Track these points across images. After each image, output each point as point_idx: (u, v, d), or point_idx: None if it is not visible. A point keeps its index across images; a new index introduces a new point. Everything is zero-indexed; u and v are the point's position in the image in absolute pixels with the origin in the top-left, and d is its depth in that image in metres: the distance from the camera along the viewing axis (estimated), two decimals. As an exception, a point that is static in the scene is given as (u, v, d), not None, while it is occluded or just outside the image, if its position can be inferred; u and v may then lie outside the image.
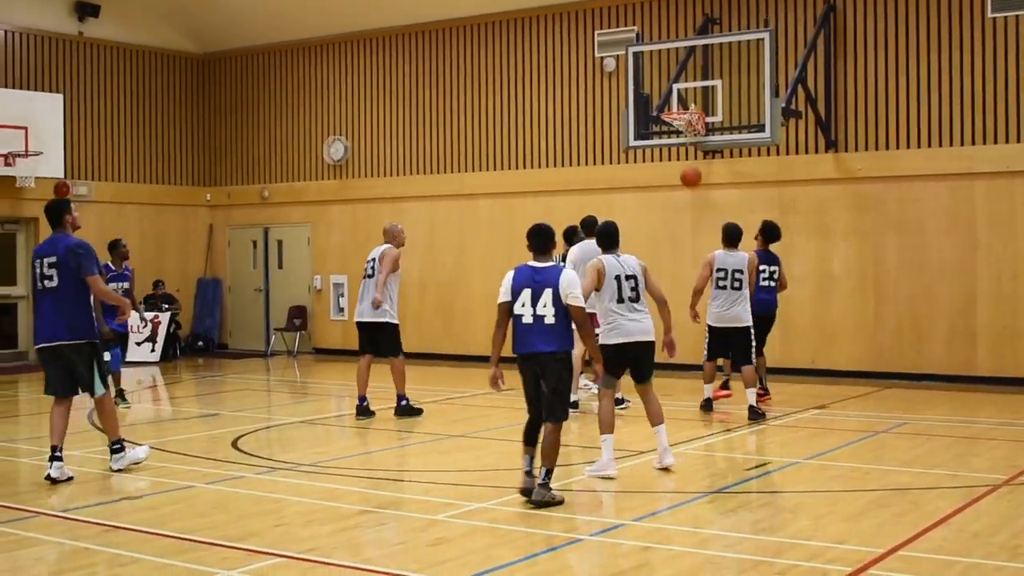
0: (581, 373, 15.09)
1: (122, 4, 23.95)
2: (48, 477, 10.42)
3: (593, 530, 8.48)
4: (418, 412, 14.43)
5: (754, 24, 18.83)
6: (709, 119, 17.79)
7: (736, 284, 14.02)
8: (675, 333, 10.99)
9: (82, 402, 17.05)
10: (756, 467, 11.02)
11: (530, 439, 9.43)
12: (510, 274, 9.50)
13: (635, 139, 18.16)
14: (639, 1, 20.25)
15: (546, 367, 9.26)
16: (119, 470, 10.82)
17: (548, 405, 9.32)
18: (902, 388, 17.16)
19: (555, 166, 21.20)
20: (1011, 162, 17.18)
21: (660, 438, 10.74)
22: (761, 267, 14.88)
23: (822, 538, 8.10)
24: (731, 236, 14.33)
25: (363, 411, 14.18)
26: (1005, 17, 17.35)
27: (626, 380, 11.16)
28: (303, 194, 24.43)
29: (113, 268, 15.65)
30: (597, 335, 10.77)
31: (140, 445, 11.49)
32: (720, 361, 14.72)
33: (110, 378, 15.59)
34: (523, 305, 9.30)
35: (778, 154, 18.84)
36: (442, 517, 8.77)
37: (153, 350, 22.21)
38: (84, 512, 9.15)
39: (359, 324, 14.50)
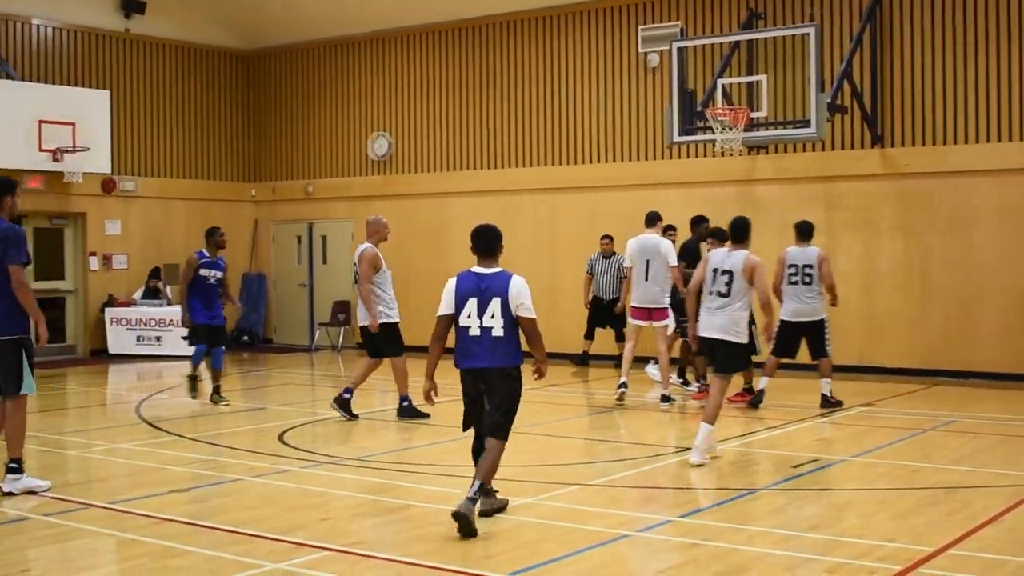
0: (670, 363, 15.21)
1: (168, 1, 24.12)
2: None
3: (640, 526, 8.46)
4: (424, 415, 13.70)
5: (799, 18, 18.73)
6: (754, 114, 17.74)
7: (807, 279, 14.35)
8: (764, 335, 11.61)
9: (129, 395, 17.25)
10: (803, 464, 10.96)
11: (479, 457, 8.57)
12: (452, 282, 8.65)
13: (679, 135, 18.13)
14: (684, -4, 20.22)
15: (494, 384, 8.42)
16: (9, 493, 9.57)
17: (494, 423, 8.44)
18: (949, 385, 17.02)
19: (598, 162, 21.16)
20: (1061, 157, 17.04)
21: (698, 434, 10.85)
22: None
23: (871, 536, 8.04)
24: (804, 232, 14.82)
25: (405, 411, 13.93)
26: (1055, 11, 17.20)
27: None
28: (347, 190, 24.50)
29: (207, 255, 15.22)
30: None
31: (43, 481, 9.86)
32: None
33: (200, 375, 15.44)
34: (469, 316, 8.45)
35: (823, 150, 18.73)
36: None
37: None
38: (133, 504, 9.21)
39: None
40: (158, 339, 22.46)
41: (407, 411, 13.92)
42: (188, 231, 24.28)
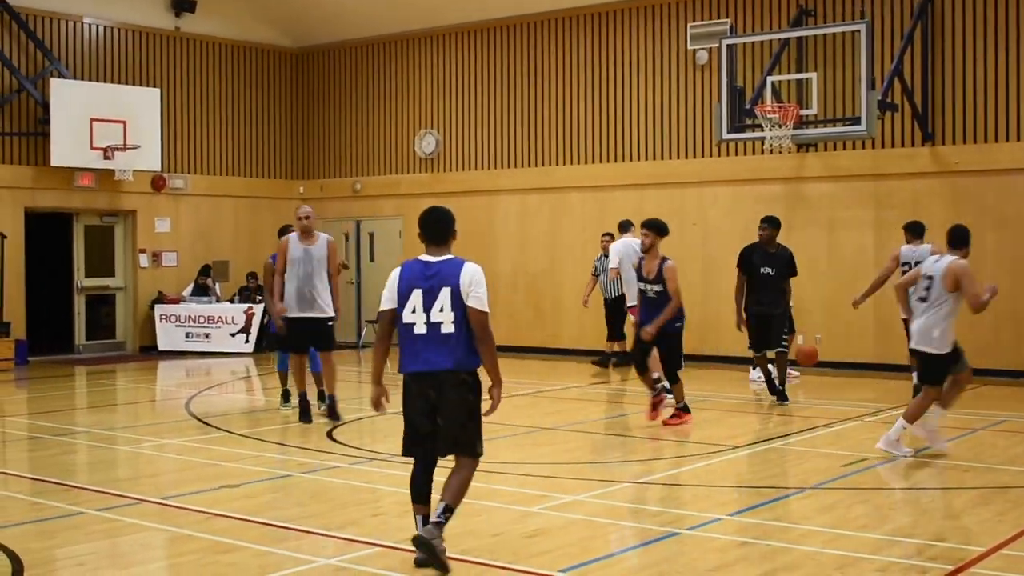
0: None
1: (217, 0, 24.28)
2: None
3: (689, 524, 8.44)
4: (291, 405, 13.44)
5: (849, 15, 18.61)
6: (804, 112, 17.66)
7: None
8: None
9: (178, 391, 17.38)
10: (853, 463, 10.89)
11: (421, 495, 7.40)
12: (396, 272, 7.45)
13: (728, 132, 18.08)
14: (732, -7, 20.14)
15: (445, 390, 7.22)
16: None
17: (454, 439, 7.30)
18: (999, 385, 16.87)
19: (647, 159, 21.12)
20: (1115, 155, 16.84)
21: (894, 427, 11.11)
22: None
23: (922, 535, 8.00)
24: (916, 232, 15.24)
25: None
26: (1109, 7, 17.00)
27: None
28: (395, 187, 24.57)
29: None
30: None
31: None
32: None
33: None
34: (413, 311, 7.24)
35: (873, 147, 18.61)
36: (537, 509, 8.78)
37: (247, 341, 22.48)
38: (184, 500, 9.28)
39: None
40: (207, 336, 22.61)
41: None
42: (237, 228, 24.47)
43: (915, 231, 15.18)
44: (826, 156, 19.12)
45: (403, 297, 7.28)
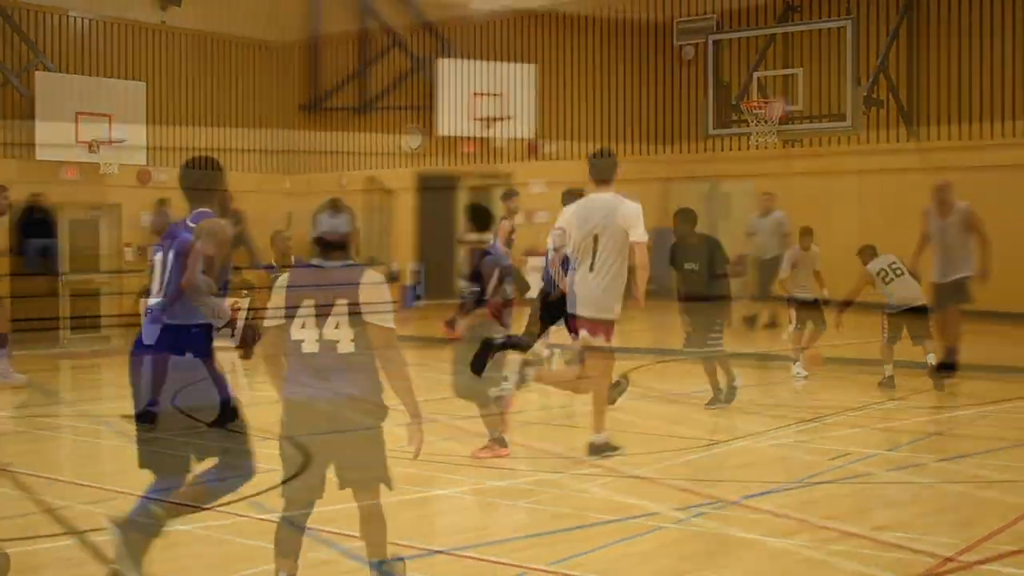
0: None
1: (203, -7, 24.28)
2: None
3: (673, 518, 8.45)
4: None
5: (835, 12, 18.66)
6: (789, 108, 17.70)
7: (899, 272, 15.12)
8: None
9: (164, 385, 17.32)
10: (836, 458, 10.92)
11: (287, 546, 6.34)
12: (283, 279, 6.38)
13: (715, 127, 18.12)
14: (719, -11, 20.16)
15: (343, 419, 6.19)
16: None
17: (363, 478, 6.30)
18: (980, 380, 16.87)
19: (633, 154, 21.12)
20: (1099, 151, 16.90)
21: None
22: None
23: (906, 529, 8.02)
24: (870, 254, 15.54)
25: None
26: (1094, 4, 17.07)
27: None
28: (381, 182, 24.52)
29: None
30: None
31: None
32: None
33: None
34: (303, 326, 6.11)
35: (859, 143, 18.65)
36: (525, 503, 8.79)
37: (233, 335, 22.40)
38: (169, 493, 9.24)
39: None
40: (192, 330, 22.54)
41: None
42: (222, 223, 24.34)
43: (870, 253, 15.51)
44: (812, 151, 19.17)
45: (291, 309, 6.20)
